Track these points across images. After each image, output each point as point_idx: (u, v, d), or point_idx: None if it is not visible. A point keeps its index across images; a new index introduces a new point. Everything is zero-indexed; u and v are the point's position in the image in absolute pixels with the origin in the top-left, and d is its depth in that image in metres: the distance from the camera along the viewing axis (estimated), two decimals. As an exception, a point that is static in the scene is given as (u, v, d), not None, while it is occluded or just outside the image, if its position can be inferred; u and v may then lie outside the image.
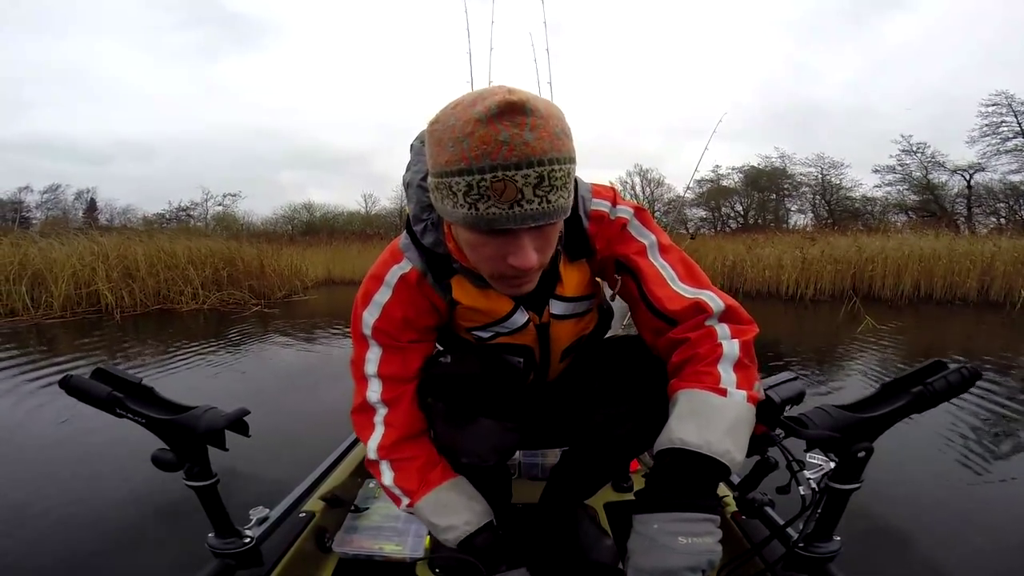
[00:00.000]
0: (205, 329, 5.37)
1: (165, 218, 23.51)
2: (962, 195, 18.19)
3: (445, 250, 0.67)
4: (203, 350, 4.08)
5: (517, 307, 0.71)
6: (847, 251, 8.62)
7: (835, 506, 0.68)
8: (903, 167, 19.13)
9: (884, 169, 19.51)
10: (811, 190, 21.59)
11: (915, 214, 18.73)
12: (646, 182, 25.19)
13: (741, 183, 22.63)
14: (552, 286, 0.71)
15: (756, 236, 11.47)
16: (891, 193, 19.67)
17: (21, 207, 22.08)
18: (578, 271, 0.72)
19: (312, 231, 20.40)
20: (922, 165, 18.77)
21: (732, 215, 23.26)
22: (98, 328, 5.29)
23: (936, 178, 18.51)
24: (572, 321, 0.76)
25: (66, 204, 23.87)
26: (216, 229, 19.37)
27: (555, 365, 0.81)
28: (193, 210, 24.58)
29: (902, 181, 19.29)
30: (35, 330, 5.21)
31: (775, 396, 0.68)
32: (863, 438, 0.64)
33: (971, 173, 17.66)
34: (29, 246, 6.49)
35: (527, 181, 0.50)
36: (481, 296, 0.70)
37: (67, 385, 0.65)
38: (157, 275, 6.81)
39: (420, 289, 0.71)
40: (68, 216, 22.67)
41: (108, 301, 6.25)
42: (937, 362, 0.64)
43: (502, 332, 0.74)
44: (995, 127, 16.77)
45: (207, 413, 0.68)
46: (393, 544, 0.97)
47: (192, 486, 0.71)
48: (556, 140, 0.50)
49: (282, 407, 2.65)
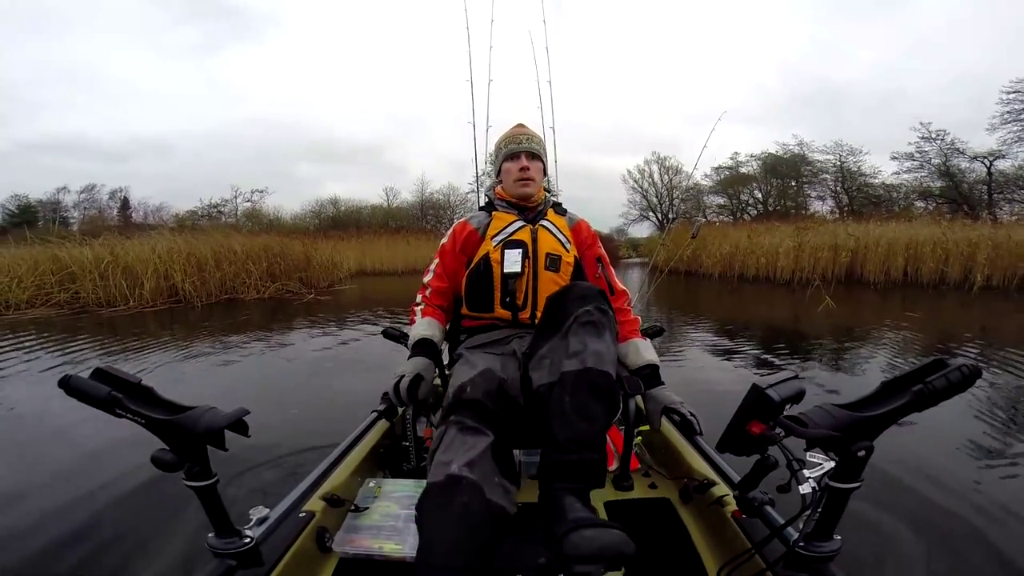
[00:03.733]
0: (266, 315, 6.34)
1: (198, 215, 23.68)
2: (982, 182, 17.95)
3: (494, 197, 1.37)
4: (274, 332, 5.06)
5: (518, 221, 1.28)
6: (841, 239, 9.55)
7: (835, 505, 0.68)
8: (921, 154, 18.87)
9: (903, 156, 19.31)
10: (831, 177, 21.23)
11: (934, 201, 18.51)
12: (664, 170, 25.11)
13: (759, 170, 22.28)
14: (544, 214, 1.32)
15: (756, 226, 12.38)
16: (908, 181, 19.47)
17: (59, 207, 22.36)
18: (558, 220, 1.33)
19: (339, 225, 20.71)
20: (941, 152, 18.47)
21: (751, 202, 22.97)
22: (187, 315, 6.25)
23: (956, 165, 18.20)
24: (553, 238, 1.27)
25: (101, 203, 24.65)
26: (247, 225, 19.67)
27: (542, 270, 1.23)
28: (223, 206, 24.89)
29: (920, 168, 19.07)
30: (141, 317, 6.13)
31: (775, 395, 0.68)
32: (863, 437, 0.64)
33: (991, 160, 17.49)
34: (115, 245, 7.49)
35: (520, 141, 1.32)
36: (503, 216, 1.30)
37: (66, 385, 0.64)
38: (223, 269, 7.85)
39: (464, 227, 1.31)
40: (104, 215, 23.47)
41: (187, 292, 7.28)
42: (937, 360, 0.63)
43: (509, 233, 1.26)
44: (1017, 114, 16.60)
45: (207, 413, 0.68)
46: (393, 543, 0.97)
47: (192, 486, 0.70)
48: (534, 139, 1.34)
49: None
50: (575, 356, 0.93)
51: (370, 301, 7.83)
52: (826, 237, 9.88)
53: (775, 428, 0.69)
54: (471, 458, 0.87)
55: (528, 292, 1.23)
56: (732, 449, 0.75)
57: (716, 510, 1.01)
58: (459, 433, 0.92)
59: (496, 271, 1.23)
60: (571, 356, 0.93)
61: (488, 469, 0.87)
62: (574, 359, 0.92)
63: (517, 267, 1.21)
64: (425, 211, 25.63)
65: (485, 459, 0.88)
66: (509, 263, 1.22)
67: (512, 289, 1.22)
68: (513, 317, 1.23)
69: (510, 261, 1.22)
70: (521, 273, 1.21)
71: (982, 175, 18.05)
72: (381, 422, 1.40)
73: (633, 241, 25.73)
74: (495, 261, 1.23)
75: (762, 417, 0.70)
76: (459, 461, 0.86)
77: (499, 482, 0.88)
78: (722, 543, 0.96)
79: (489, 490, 0.83)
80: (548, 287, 1.22)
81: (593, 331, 0.96)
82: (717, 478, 1.08)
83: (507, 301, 1.22)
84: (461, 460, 0.86)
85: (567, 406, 0.88)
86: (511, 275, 1.21)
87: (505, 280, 1.22)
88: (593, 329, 0.96)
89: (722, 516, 0.98)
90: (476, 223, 1.30)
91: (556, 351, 0.97)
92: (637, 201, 26.32)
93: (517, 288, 1.22)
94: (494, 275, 1.23)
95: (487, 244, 1.26)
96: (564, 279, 1.25)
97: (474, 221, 1.31)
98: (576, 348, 0.94)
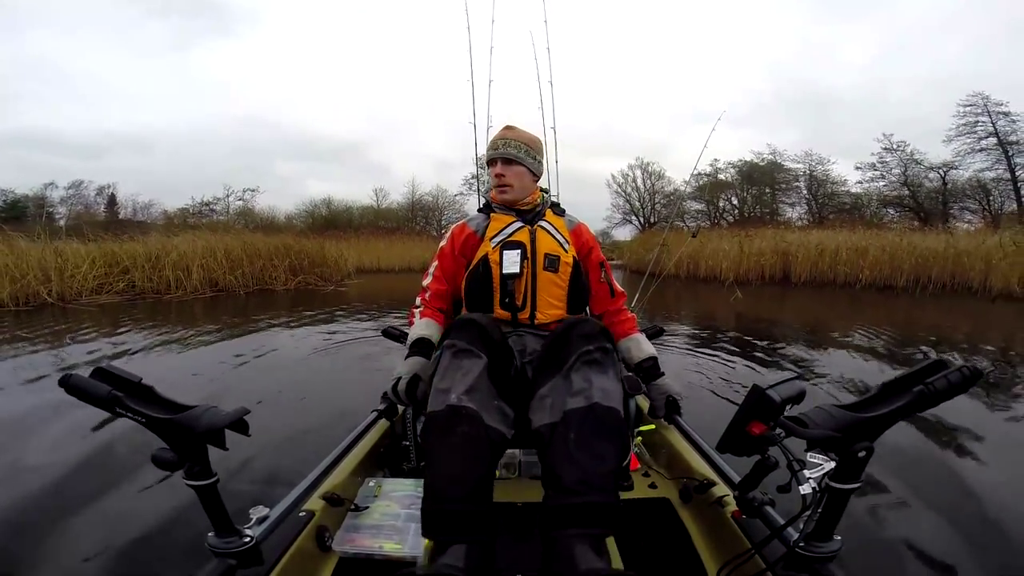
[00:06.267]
0: (297, 302, 7.33)
1: (189, 212, 23.52)
2: (938, 191, 19.11)
3: (489, 201, 1.37)
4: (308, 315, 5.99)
5: (516, 222, 1.28)
6: (777, 244, 11.00)
7: (835, 506, 0.68)
8: (883, 164, 20.09)
9: (866, 166, 20.55)
10: (803, 184, 22.25)
11: (895, 210, 19.71)
12: (647, 175, 25.34)
13: (736, 176, 22.97)
14: (542, 215, 1.32)
15: (709, 233, 13.90)
16: (869, 190, 20.71)
17: (45, 203, 22.27)
18: (557, 221, 1.33)
19: (332, 225, 20.89)
20: (901, 162, 19.67)
21: (728, 208, 23.44)
22: (230, 302, 7.22)
23: (914, 175, 19.44)
24: (551, 239, 1.27)
25: (88, 199, 24.41)
26: (240, 223, 19.81)
27: (540, 270, 1.24)
28: (215, 204, 24.82)
29: (881, 178, 20.35)
30: (196, 303, 7.12)
31: (775, 396, 0.68)
32: (863, 438, 0.64)
33: (945, 171, 18.68)
34: (166, 242, 8.65)
35: (497, 146, 1.30)
36: (501, 217, 1.31)
37: (67, 384, 0.64)
38: (253, 263, 9.01)
39: (463, 230, 1.32)
40: (91, 211, 23.29)
41: (226, 283, 8.47)
42: (938, 361, 0.63)
43: (508, 234, 1.27)
44: (971, 126, 17.72)
45: (207, 412, 0.68)
46: (393, 543, 0.97)
47: (192, 485, 0.70)
48: (511, 144, 1.29)
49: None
50: (579, 394, 0.88)
51: (379, 294, 9.02)
52: (768, 242, 11.19)
53: (775, 428, 0.69)
54: (469, 384, 0.89)
55: (527, 292, 1.23)
56: (732, 449, 0.75)
57: (716, 510, 1.01)
58: (454, 358, 0.95)
59: (495, 272, 1.23)
60: (575, 394, 0.88)
61: (485, 393, 0.90)
62: (578, 396, 0.88)
63: (516, 268, 1.22)
64: (415, 212, 25.74)
65: (482, 383, 0.91)
66: (508, 264, 1.22)
67: (511, 290, 1.22)
68: (513, 317, 1.24)
69: (509, 262, 1.22)
70: (520, 274, 1.22)
71: (938, 185, 19.14)
72: (381, 421, 1.40)
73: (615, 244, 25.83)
74: (494, 262, 1.24)
75: (763, 417, 0.70)
76: (457, 389, 0.88)
77: (497, 405, 0.92)
78: (722, 543, 0.96)
79: (487, 416, 0.87)
80: (547, 287, 1.24)
81: (598, 369, 0.92)
82: (717, 478, 1.08)
83: (506, 302, 1.23)
84: (460, 388, 0.88)
85: (572, 444, 0.83)
86: (510, 276, 1.22)
87: (504, 281, 1.22)
88: (598, 367, 0.92)
89: (722, 516, 0.98)
90: (474, 225, 1.31)
91: (558, 390, 0.92)
92: (620, 205, 26.60)
93: (516, 289, 1.23)
94: (493, 276, 1.23)
95: (486, 245, 1.27)
96: (563, 279, 1.26)
97: (472, 223, 1.32)
98: (580, 386, 0.89)
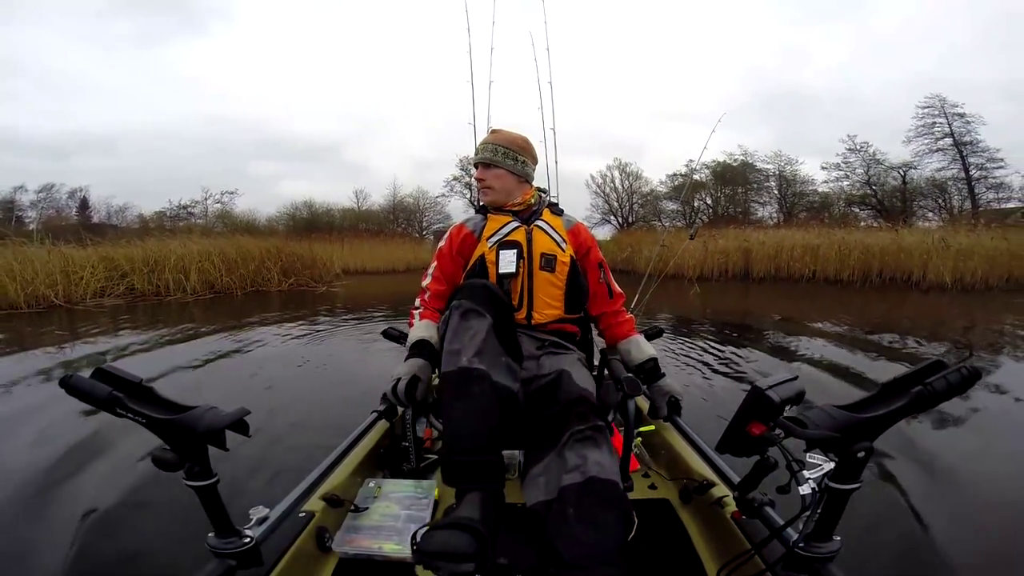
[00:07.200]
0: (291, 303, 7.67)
1: (167, 216, 23.39)
2: (898, 190, 19.81)
3: (484, 205, 1.36)
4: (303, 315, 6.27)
5: (513, 222, 1.29)
6: (740, 243, 11.47)
7: (835, 506, 0.68)
8: (847, 164, 20.69)
9: (831, 166, 21.16)
10: (775, 184, 22.71)
11: (860, 208, 20.34)
12: (624, 175, 25.45)
13: (709, 177, 23.28)
14: (539, 215, 1.32)
15: (679, 232, 14.10)
16: (835, 189, 21.28)
17: (14, 206, 22.01)
18: (554, 220, 1.32)
19: (313, 228, 20.84)
20: (864, 162, 20.27)
21: (703, 208, 23.78)
22: (228, 303, 7.52)
23: (876, 175, 20.08)
24: (548, 238, 1.28)
25: (59, 203, 23.88)
26: (218, 226, 19.95)
27: (537, 270, 1.24)
28: (193, 207, 24.57)
29: (845, 178, 20.95)
30: (193, 305, 7.32)
31: (775, 396, 0.68)
32: (863, 438, 0.64)
33: (905, 171, 19.42)
34: (163, 246, 8.79)
35: (478, 151, 1.33)
36: (498, 217, 1.31)
37: (67, 385, 0.64)
38: (247, 265, 9.27)
39: (461, 231, 1.32)
40: (62, 215, 22.85)
41: (223, 285, 8.72)
42: (937, 362, 0.64)
43: (504, 234, 1.27)
44: (929, 127, 18.51)
45: (207, 413, 0.68)
46: (393, 543, 0.97)
47: (192, 486, 0.70)
48: (489, 147, 1.30)
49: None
50: (575, 470, 0.86)
51: (368, 294, 9.20)
52: (732, 242, 11.68)
53: (775, 429, 0.69)
54: (477, 347, 0.96)
55: (524, 292, 1.24)
56: (732, 450, 0.75)
57: (716, 511, 1.01)
58: (462, 319, 1.01)
59: (492, 272, 1.24)
60: (570, 471, 0.86)
61: (494, 352, 0.98)
62: (574, 472, 0.85)
63: (512, 267, 1.23)
64: (397, 214, 25.75)
65: (490, 342, 0.98)
66: (504, 263, 1.24)
67: (507, 289, 1.22)
68: None
69: (505, 261, 1.24)
70: (516, 273, 1.23)
71: (899, 184, 19.83)
72: (381, 422, 1.40)
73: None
74: (490, 262, 1.25)
75: (762, 418, 0.70)
76: (468, 352, 0.95)
77: (504, 361, 1.01)
78: (722, 544, 0.96)
79: (496, 374, 0.96)
80: (543, 287, 1.25)
81: (591, 444, 0.91)
82: (717, 479, 1.08)
83: None
84: (470, 351, 0.95)
85: (571, 518, 0.80)
86: (506, 275, 1.23)
87: (500, 281, 1.23)
88: (592, 443, 0.91)
89: (722, 517, 0.98)
90: (472, 226, 1.32)
91: (551, 468, 0.90)
92: (599, 205, 26.72)
93: (512, 288, 1.23)
94: (490, 276, 1.24)
95: (483, 245, 1.28)
96: (560, 279, 1.26)
97: (470, 224, 1.33)
98: (575, 462, 0.87)
